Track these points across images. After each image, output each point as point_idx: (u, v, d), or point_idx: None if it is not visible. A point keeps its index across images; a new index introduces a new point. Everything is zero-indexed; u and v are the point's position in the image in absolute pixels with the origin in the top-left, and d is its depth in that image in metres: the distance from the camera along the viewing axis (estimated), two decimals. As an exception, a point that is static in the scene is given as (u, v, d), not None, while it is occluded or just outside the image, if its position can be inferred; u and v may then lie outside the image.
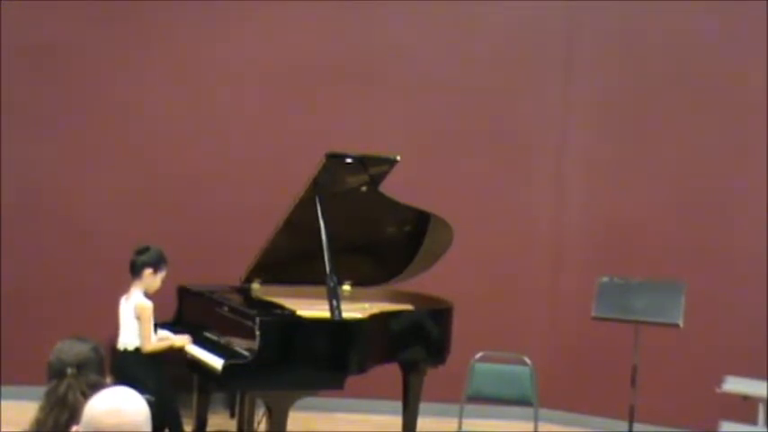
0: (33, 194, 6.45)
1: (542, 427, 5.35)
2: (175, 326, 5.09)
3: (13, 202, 6.39)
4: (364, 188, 4.83)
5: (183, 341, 4.80)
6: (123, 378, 4.12)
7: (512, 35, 6.72)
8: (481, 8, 6.70)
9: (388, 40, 6.66)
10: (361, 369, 4.47)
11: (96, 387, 2.42)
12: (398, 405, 5.17)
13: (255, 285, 5.19)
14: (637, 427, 5.30)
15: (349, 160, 4.64)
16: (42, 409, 2.51)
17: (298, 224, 4.75)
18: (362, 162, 4.71)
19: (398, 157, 4.81)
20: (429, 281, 5.29)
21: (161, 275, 4.86)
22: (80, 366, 2.60)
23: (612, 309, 5.25)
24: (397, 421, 5.22)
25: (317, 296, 4.72)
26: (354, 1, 6.61)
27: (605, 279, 5.35)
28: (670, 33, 6.47)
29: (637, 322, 5.18)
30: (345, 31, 6.65)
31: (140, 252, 4.85)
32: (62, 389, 2.52)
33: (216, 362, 4.39)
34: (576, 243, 6.67)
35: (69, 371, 2.57)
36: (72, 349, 2.65)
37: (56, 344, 2.71)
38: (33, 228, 6.43)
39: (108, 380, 2.86)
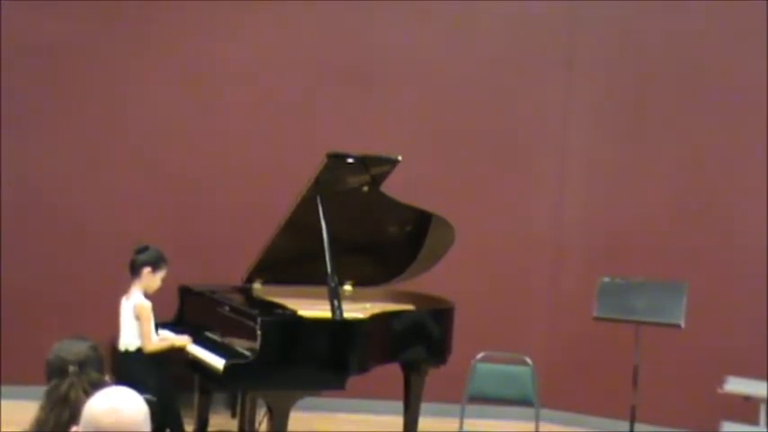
0: (33, 194, 6.44)
1: (543, 427, 5.34)
2: (177, 326, 5.09)
3: (13, 202, 6.38)
4: (366, 188, 4.82)
5: (183, 341, 4.79)
6: (124, 378, 4.11)
7: (512, 35, 6.72)
8: (482, 8, 6.70)
9: (388, 40, 6.65)
10: (363, 369, 4.46)
11: (98, 386, 2.41)
12: (400, 405, 5.17)
13: (257, 285, 5.19)
14: (638, 427, 5.29)
15: (350, 160, 4.63)
16: (43, 408, 2.49)
17: (299, 224, 4.75)
18: (364, 162, 4.70)
19: (400, 158, 4.80)
20: (430, 281, 5.28)
21: (160, 275, 4.84)
22: (81, 365, 2.59)
23: (613, 309, 5.25)
24: (398, 421, 5.21)
25: (318, 296, 4.71)
26: (355, 1, 6.60)
27: (606, 279, 5.35)
28: (670, 34, 6.47)
29: (638, 322, 5.18)
30: (346, 31, 6.64)
31: (140, 251, 4.84)
32: (64, 387, 2.50)
33: (217, 362, 4.39)
34: (577, 243, 6.66)
35: (71, 369, 2.56)
36: (72, 348, 2.64)
37: (54, 344, 2.71)
38: (33, 227, 6.43)
39: (108, 378, 2.85)
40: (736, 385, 5.54)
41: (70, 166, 6.47)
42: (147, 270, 4.79)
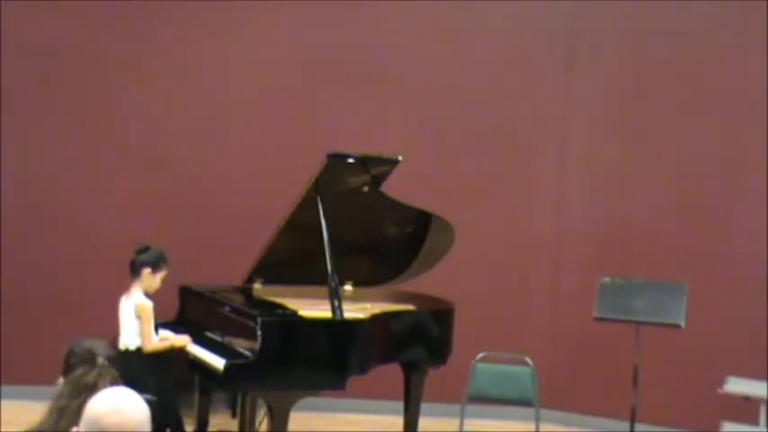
0: (34, 194, 6.44)
1: (543, 427, 5.34)
2: (177, 326, 5.09)
3: (14, 202, 6.39)
4: (366, 188, 4.82)
5: (183, 341, 4.79)
6: (124, 378, 4.10)
7: (512, 35, 6.72)
8: (482, 8, 6.70)
9: (388, 40, 6.65)
10: (363, 369, 4.46)
11: (116, 383, 2.43)
12: (400, 405, 5.16)
13: (257, 285, 5.19)
14: (638, 427, 5.30)
15: (350, 160, 4.63)
16: (63, 396, 2.48)
17: (299, 224, 4.75)
18: (364, 162, 4.70)
19: (400, 158, 4.80)
20: (430, 281, 5.28)
21: (160, 275, 4.84)
22: (109, 359, 2.64)
23: (614, 309, 5.25)
24: (398, 421, 5.21)
25: (318, 296, 4.71)
26: (355, 1, 6.61)
27: (607, 279, 5.35)
28: (671, 33, 6.47)
29: (638, 323, 5.19)
30: (346, 31, 6.64)
31: (140, 251, 4.84)
32: (92, 376, 2.51)
33: (217, 362, 4.39)
34: (577, 243, 6.66)
35: (100, 361, 2.59)
36: (97, 343, 2.71)
37: (65, 342, 2.76)
38: (34, 228, 6.43)
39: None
40: (736, 385, 5.54)
41: (70, 166, 6.47)
42: (146, 271, 4.79)
